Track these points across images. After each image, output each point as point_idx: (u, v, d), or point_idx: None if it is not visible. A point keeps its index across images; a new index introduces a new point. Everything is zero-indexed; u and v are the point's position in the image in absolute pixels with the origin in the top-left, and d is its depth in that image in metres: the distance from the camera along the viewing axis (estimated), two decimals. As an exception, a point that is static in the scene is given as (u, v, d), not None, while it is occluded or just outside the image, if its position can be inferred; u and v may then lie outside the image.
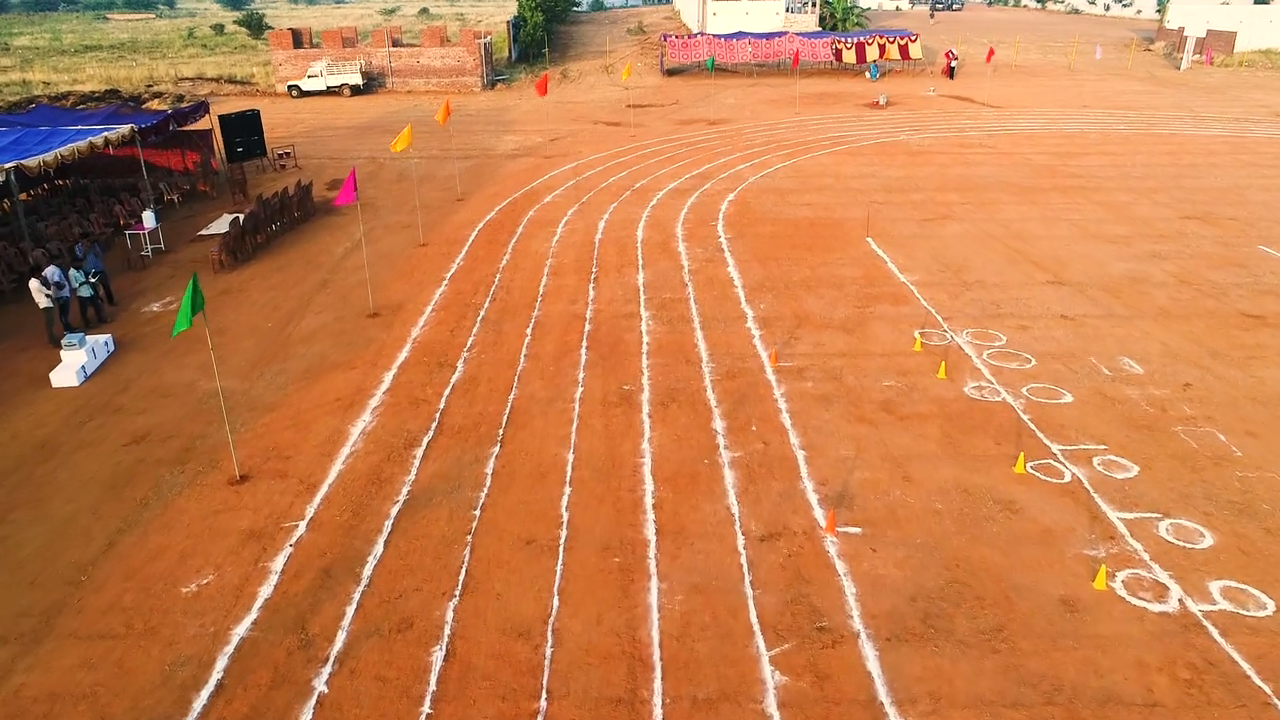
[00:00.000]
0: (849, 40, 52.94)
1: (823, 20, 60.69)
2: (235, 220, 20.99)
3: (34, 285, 15.61)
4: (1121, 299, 17.40)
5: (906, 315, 16.62)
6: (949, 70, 51.62)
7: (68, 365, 14.52)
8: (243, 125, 26.63)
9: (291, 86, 48.40)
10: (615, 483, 11.34)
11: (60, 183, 26.54)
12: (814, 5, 60.29)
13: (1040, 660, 8.37)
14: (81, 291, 16.52)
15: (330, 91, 48.46)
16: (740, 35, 53.79)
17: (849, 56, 52.62)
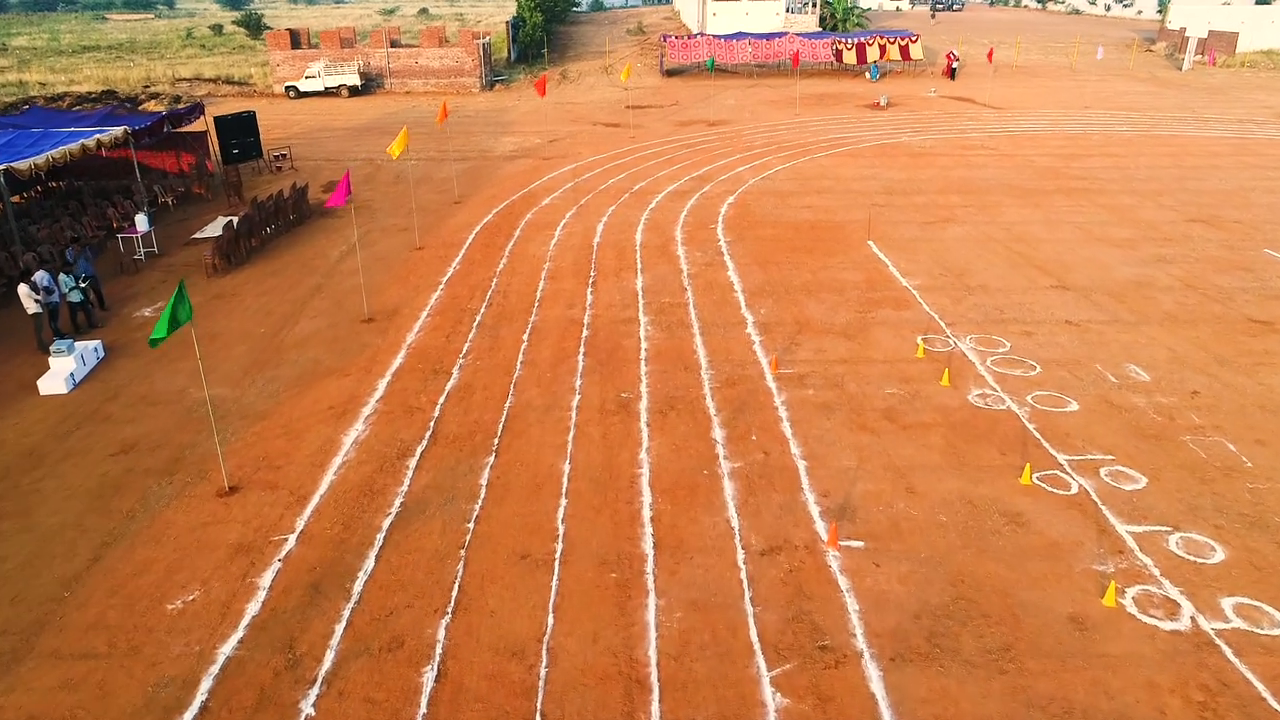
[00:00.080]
0: (849, 41, 52.70)
1: (823, 21, 60.45)
2: (229, 223, 20.75)
3: (23, 290, 15.36)
4: (1127, 304, 17.15)
5: (908, 320, 16.38)
6: (950, 71, 51.40)
7: (56, 372, 14.28)
8: (238, 127, 26.41)
9: (289, 87, 48.14)
10: (612, 494, 11.10)
11: (53, 185, 26.30)
12: (814, 6, 60.05)
13: (1049, 681, 8.13)
14: (71, 297, 16.32)
15: (328, 92, 48.20)
16: (740, 36, 53.56)
17: (849, 57, 52.39)
